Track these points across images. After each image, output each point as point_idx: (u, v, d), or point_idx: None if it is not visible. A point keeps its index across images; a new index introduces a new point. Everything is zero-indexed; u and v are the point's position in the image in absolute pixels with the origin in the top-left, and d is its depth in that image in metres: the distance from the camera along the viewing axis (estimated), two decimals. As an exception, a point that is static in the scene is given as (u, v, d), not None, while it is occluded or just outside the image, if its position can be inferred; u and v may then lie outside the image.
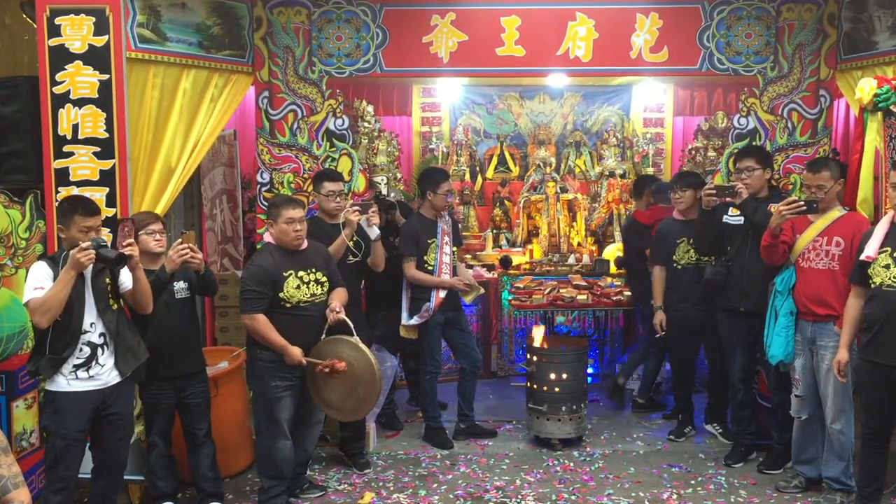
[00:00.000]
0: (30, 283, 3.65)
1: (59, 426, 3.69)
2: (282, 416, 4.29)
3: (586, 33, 5.39)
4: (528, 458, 5.24)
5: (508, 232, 7.71)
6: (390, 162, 7.18)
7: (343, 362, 4.13)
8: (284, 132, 5.47)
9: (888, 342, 3.83)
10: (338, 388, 4.21)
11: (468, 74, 5.94)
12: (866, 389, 4.03)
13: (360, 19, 5.39)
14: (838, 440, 4.32)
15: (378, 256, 4.97)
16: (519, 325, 6.91)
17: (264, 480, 4.39)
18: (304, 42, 5.40)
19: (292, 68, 5.41)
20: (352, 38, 5.41)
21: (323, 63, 5.43)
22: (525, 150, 8.15)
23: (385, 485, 4.84)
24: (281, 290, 4.17)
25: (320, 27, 5.40)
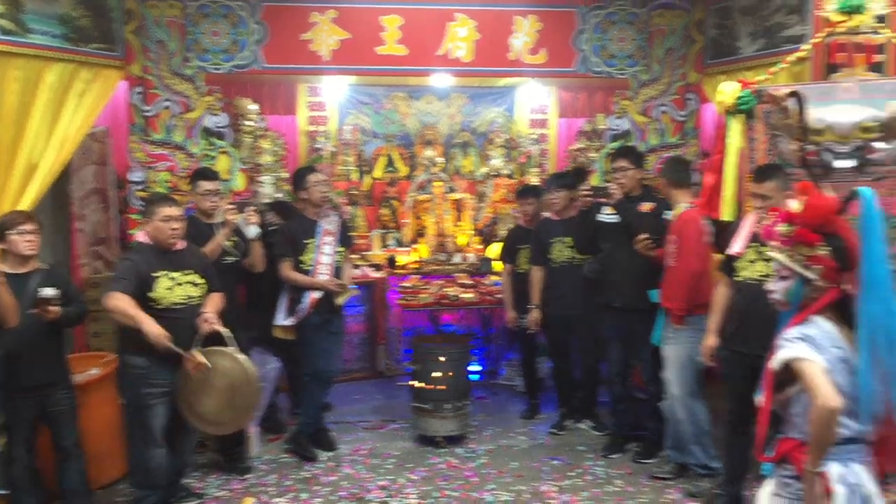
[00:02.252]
0: None
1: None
2: (154, 423, 4.14)
3: (466, 34, 5.45)
4: (412, 457, 5.24)
5: (396, 232, 7.69)
6: (276, 162, 7.03)
7: (202, 361, 4.00)
8: (159, 129, 5.30)
9: (751, 332, 4.01)
10: (213, 400, 4.08)
11: (350, 73, 5.91)
12: (731, 378, 4.22)
13: (237, 14, 5.28)
14: (686, 426, 4.56)
15: (256, 257, 4.87)
16: (406, 325, 6.91)
17: (136, 490, 4.23)
18: (178, 37, 5.25)
19: (166, 63, 5.26)
20: (229, 34, 5.30)
21: (199, 59, 5.30)
22: (412, 150, 8.13)
23: (266, 489, 4.75)
24: (150, 289, 4.02)
25: (195, 22, 5.26)
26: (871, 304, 2.19)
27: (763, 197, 3.94)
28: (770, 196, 3.91)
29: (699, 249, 4.49)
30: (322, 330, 5.16)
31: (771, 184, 3.92)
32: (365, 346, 6.96)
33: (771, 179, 3.94)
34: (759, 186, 3.96)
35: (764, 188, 3.94)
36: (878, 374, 2.20)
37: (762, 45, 5.25)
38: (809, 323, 2.35)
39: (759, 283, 3.97)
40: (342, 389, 6.48)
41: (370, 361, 6.98)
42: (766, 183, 3.94)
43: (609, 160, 5.21)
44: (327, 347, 5.20)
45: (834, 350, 2.29)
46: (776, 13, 5.14)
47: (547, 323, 5.52)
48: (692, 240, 4.49)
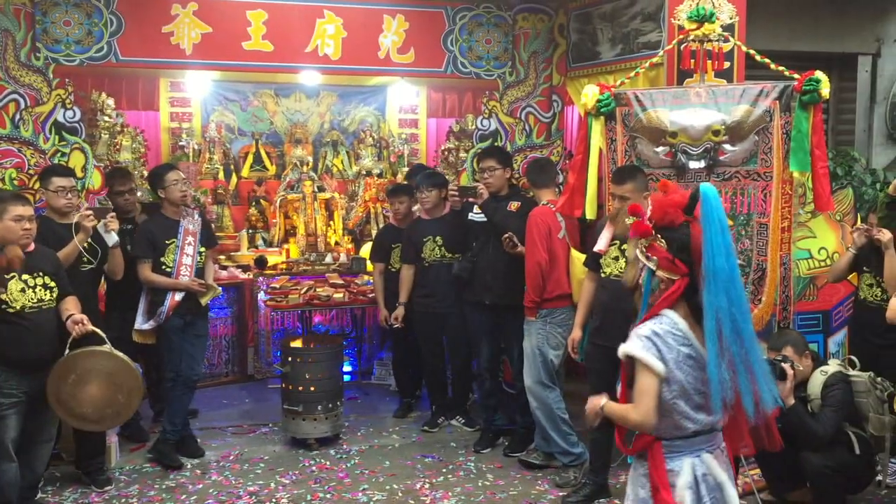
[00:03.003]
0: None
1: None
2: (6, 436, 3.89)
3: (335, 31, 5.41)
4: (283, 461, 5.15)
5: (265, 231, 7.54)
6: (136, 159, 6.79)
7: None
8: (5, 124, 4.97)
9: (614, 327, 4.17)
10: (94, 399, 3.93)
11: (213, 68, 5.74)
12: (594, 371, 4.38)
13: (91, 4, 5.02)
14: (539, 414, 4.76)
15: (116, 265, 4.66)
16: (276, 326, 6.78)
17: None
18: (25, 25, 4.93)
19: (13, 54, 4.93)
20: (82, 24, 5.03)
21: (49, 49, 5.00)
22: (281, 148, 8.02)
23: (128, 501, 4.54)
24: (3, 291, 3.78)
25: (45, 10, 4.97)
26: (715, 297, 2.31)
27: (622, 198, 4.11)
28: (628, 197, 4.08)
29: (543, 242, 4.65)
30: (185, 333, 4.98)
31: (629, 185, 4.10)
32: (233, 349, 6.77)
33: (629, 181, 4.11)
34: (619, 188, 4.13)
35: (623, 189, 4.10)
36: (726, 363, 2.32)
37: (621, 51, 5.48)
38: (661, 317, 2.46)
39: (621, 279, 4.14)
40: (209, 394, 6.29)
41: (239, 364, 6.79)
42: (625, 184, 4.11)
43: (477, 160, 5.29)
44: (190, 351, 5.03)
45: (682, 348, 2.41)
46: (633, 20, 5.38)
47: (418, 320, 5.55)
48: (537, 234, 4.66)
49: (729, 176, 4.62)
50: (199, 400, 5.75)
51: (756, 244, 4.64)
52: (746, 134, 4.59)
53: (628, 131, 4.71)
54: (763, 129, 4.56)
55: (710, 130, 4.59)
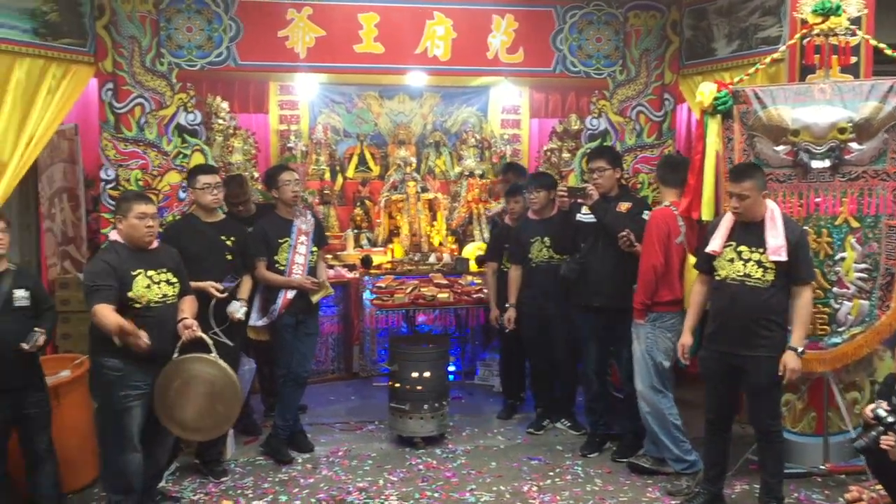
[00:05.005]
0: None
1: None
2: (131, 427, 4.04)
3: (444, 32, 5.43)
4: (390, 458, 5.20)
5: (369, 231, 7.65)
6: (247, 160, 6.97)
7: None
8: (131, 126, 5.19)
9: (730, 332, 4.05)
10: (193, 407, 4.02)
11: (326, 71, 5.83)
12: (710, 377, 4.25)
13: (211, 10, 5.19)
14: (651, 420, 4.62)
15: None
16: (381, 325, 6.86)
17: (112, 495, 4.13)
18: (151, 32, 5.14)
19: (139, 60, 5.14)
20: (203, 30, 5.20)
21: (172, 55, 5.19)
22: (385, 149, 8.12)
23: (244, 492, 4.67)
24: (129, 288, 3.94)
25: (169, 17, 5.16)
26: None
27: (740, 196, 3.98)
28: (747, 195, 3.96)
29: (661, 245, 4.53)
30: (296, 331, 5.10)
31: (748, 183, 3.97)
32: (339, 347, 6.90)
33: (748, 179, 3.98)
34: (737, 186, 4.00)
35: (741, 187, 3.98)
36: None
37: (738, 47, 5.30)
38: None
39: (738, 282, 4.02)
40: (317, 390, 6.42)
41: (345, 362, 6.92)
42: (744, 182, 3.98)
43: (587, 160, 5.22)
44: (301, 348, 5.14)
45: None
46: (752, 14, 5.20)
47: (525, 322, 5.52)
48: (656, 236, 4.54)
49: (855, 176, 4.42)
50: (307, 396, 5.85)
51: (884, 247, 4.43)
52: (875, 132, 4.39)
53: (747, 130, 4.56)
54: (893, 127, 4.35)
55: (835, 128, 4.40)
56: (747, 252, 4.01)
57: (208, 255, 4.65)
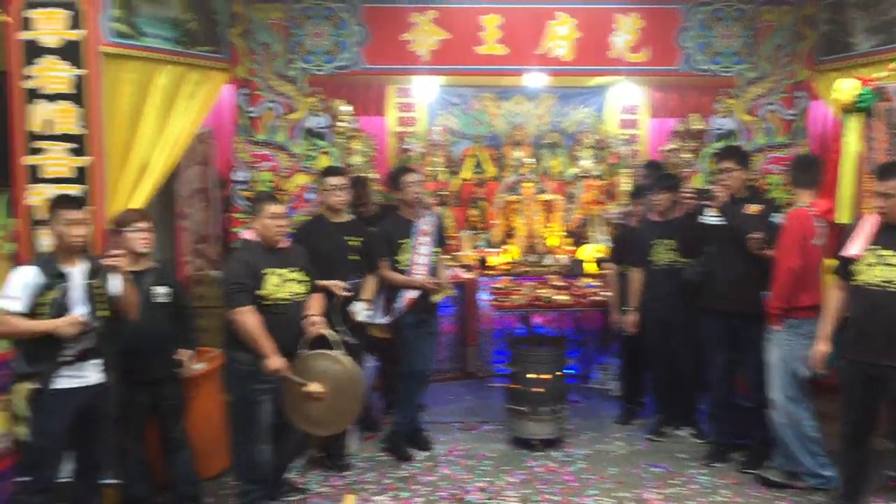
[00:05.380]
0: (7, 286, 3.55)
1: (43, 425, 3.60)
2: (261, 420, 4.20)
3: (567, 32, 5.39)
4: (508, 459, 5.20)
5: (485, 232, 7.67)
6: (366, 162, 7.11)
7: (319, 388, 4.07)
8: (262, 130, 5.38)
9: (871, 340, 3.86)
10: (319, 403, 4.14)
11: (448, 73, 5.90)
12: (848, 388, 4.06)
13: (338, 16, 5.33)
14: (788, 432, 4.45)
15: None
16: (496, 326, 6.87)
17: (243, 484, 4.30)
18: (282, 39, 5.32)
19: (270, 65, 5.33)
20: (331, 35, 5.35)
21: (302, 60, 5.36)
22: (501, 150, 8.12)
23: (366, 487, 4.78)
24: (260, 286, 4.09)
25: (299, 24, 5.33)
26: None
27: (886, 195, 3.79)
28: (893, 194, 3.76)
29: (798, 247, 4.34)
30: (418, 330, 5.17)
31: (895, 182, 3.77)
32: (455, 347, 6.96)
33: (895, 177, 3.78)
34: (884, 184, 3.81)
35: (888, 186, 3.78)
36: None
37: (880, 41, 5.03)
38: None
39: (881, 288, 3.81)
40: (434, 389, 6.45)
41: (461, 362, 6.97)
42: (889, 181, 3.79)
43: (713, 161, 5.07)
44: (422, 347, 5.21)
45: None
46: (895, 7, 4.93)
47: (646, 326, 5.42)
48: (792, 237, 4.35)
49: None
50: (425, 394, 5.92)
51: None
52: None
53: (891, 128, 4.33)
54: None
55: None
56: (891, 256, 3.81)
57: (334, 255, 4.78)
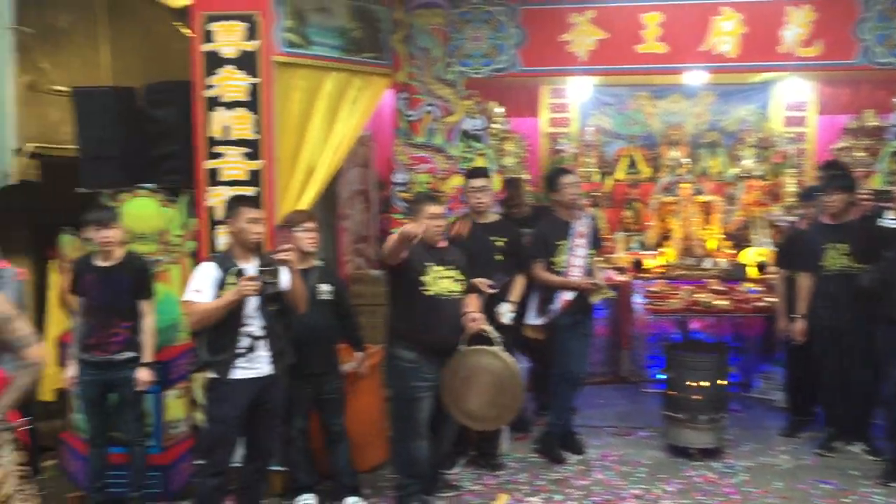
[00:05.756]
0: (192, 282, 3.82)
1: (219, 413, 3.84)
2: (420, 416, 4.30)
3: (732, 28, 5.20)
4: (664, 467, 5.08)
5: (639, 234, 7.51)
6: (518, 163, 7.14)
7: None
8: (421, 133, 5.51)
9: None
10: (479, 397, 4.19)
11: (607, 73, 5.82)
12: None
13: (497, 19, 5.38)
14: None
15: None
16: (651, 330, 6.72)
17: (401, 478, 4.42)
18: (441, 43, 5.43)
19: (430, 69, 5.45)
20: (489, 39, 5.40)
21: (460, 64, 5.44)
22: (656, 150, 7.92)
23: (519, 487, 4.80)
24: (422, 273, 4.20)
25: (458, 28, 5.42)
26: None
27: None
28: None
29: None
30: (573, 331, 5.14)
31: None
32: (608, 350, 6.86)
33: None
34: None
35: None
36: None
37: None
38: None
39: None
40: (585, 393, 6.33)
41: (613, 366, 6.87)
42: None
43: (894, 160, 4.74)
44: (577, 349, 5.17)
45: None
46: None
47: (816, 334, 5.12)
48: None
49: None
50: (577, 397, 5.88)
51: None
52: None
53: None
54: None
55: None
56: None
57: (479, 255, 4.82)
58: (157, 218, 4.85)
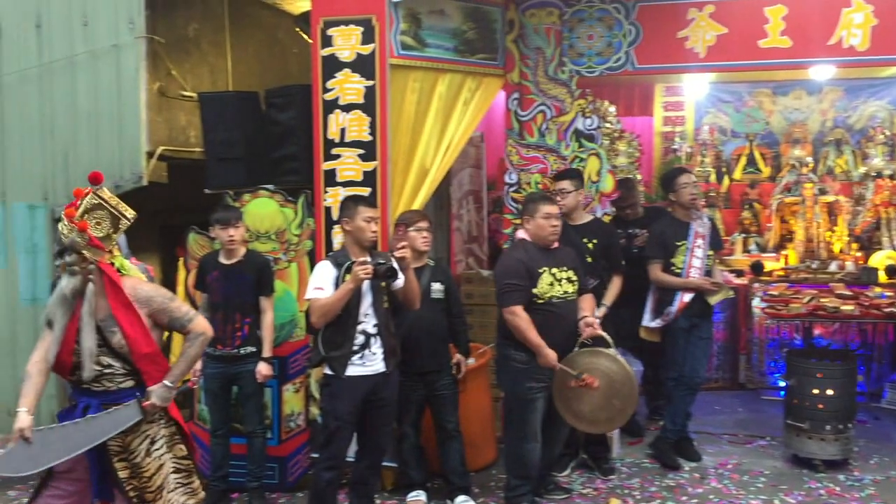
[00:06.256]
0: (312, 280, 3.92)
1: (334, 408, 3.93)
2: (533, 417, 4.28)
3: (863, 20, 4.94)
4: (786, 478, 4.89)
5: (758, 236, 7.27)
6: (630, 163, 7.03)
7: (595, 379, 4.06)
8: (533, 133, 5.48)
9: None
10: (591, 399, 4.13)
11: (726, 69, 5.60)
12: None
13: (612, 17, 5.29)
14: None
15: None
16: (771, 335, 6.47)
17: (511, 479, 4.42)
18: (554, 42, 5.38)
19: (542, 69, 5.41)
20: (603, 37, 5.32)
21: (573, 63, 5.38)
22: (777, 149, 7.68)
23: (630, 493, 4.72)
24: (535, 285, 4.17)
25: (572, 27, 5.36)
26: None
27: None
28: None
29: None
30: (690, 334, 5.02)
31: None
32: (725, 356, 6.65)
33: None
34: None
35: None
36: None
37: None
38: None
39: None
40: (700, 398, 6.16)
41: (730, 371, 6.66)
42: None
43: None
44: (694, 352, 5.03)
45: None
46: None
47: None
48: None
49: None
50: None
51: None
52: None
53: None
54: None
55: None
56: None
57: None
58: (277, 217, 5.01)
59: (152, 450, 3.22)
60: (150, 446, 3.22)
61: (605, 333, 4.19)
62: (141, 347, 3.15)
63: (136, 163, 5.37)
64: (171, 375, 3.23)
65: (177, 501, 3.25)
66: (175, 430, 3.33)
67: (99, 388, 3.17)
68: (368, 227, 3.93)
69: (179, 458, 3.32)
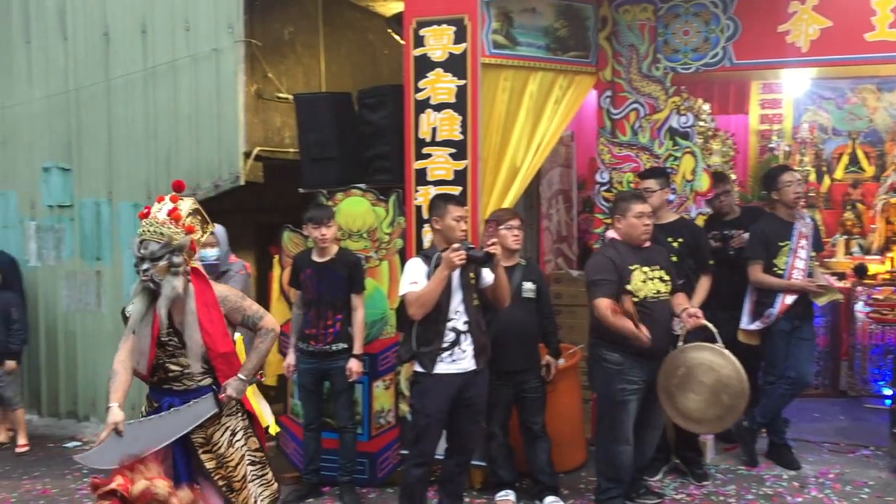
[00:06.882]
0: (406, 277, 3.96)
1: (424, 406, 3.96)
2: (626, 419, 4.21)
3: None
4: (892, 489, 4.67)
5: (861, 238, 7.00)
6: (725, 162, 6.83)
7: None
8: (625, 131, 5.40)
9: None
10: (699, 396, 3.98)
11: (830, 64, 5.35)
12: None
13: (709, 11, 5.16)
14: None
15: None
16: (875, 341, 6.20)
17: (602, 481, 4.36)
18: (648, 39, 5.29)
19: (636, 66, 5.33)
20: (700, 32, 5.20)
21: (668, 59, 5.28)
22: (882, 147, 7.36)
23: (726, 500, 4.60)
24: (628, 282, 4.10)
25: (666, 23, 5.25)
26: None
27: None
28: None
29: None
30: (790, 336, 4.87)
31: None
32: (826, 362, 6.41)
33: None
34: None
35: None
36: None
37: None
38: None
39: None
40: (798, 405, 5.96)
41: (830, 378, 6.41)
42: None
43: None
44: (798, 354, 4.89)
45: None
46: None
47: None
48: None
49: None
50: (788, 410, 5.52)
51: None
52: None
53: None
54: None
55: None
56: None
57: None
58: (369, 216, 5.08)
59: (234, 441, 3.32)
60: (231, 437, 3.31)
61: (710, 324, 4.05)
62: (218, 347, 3.26)
63: (233, 163, 5.54)
64: (245, 369, 3.33)
65: (255, 492, 3.34)
66: (248, 423, 3.42)
67: (180, 387, 3.28)
68: (458, 225, 3.95)
69: (254, 450, 3.40)
